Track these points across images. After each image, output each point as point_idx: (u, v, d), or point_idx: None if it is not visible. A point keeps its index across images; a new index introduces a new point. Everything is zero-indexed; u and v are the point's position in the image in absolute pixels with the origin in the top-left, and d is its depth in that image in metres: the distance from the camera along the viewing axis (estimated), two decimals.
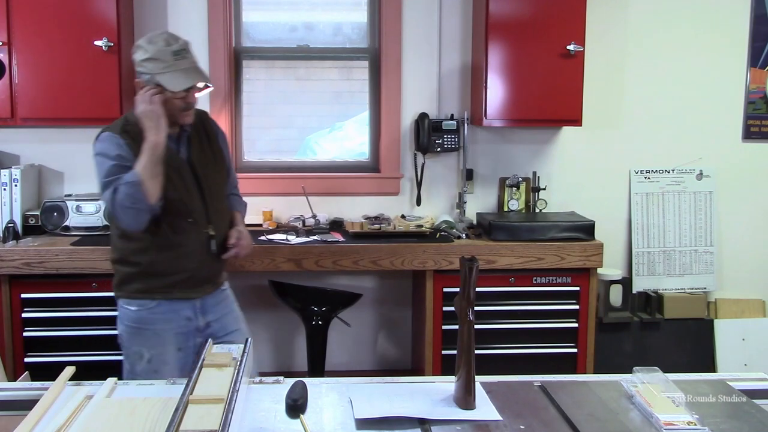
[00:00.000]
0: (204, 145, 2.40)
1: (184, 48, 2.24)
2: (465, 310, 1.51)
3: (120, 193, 2.14)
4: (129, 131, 2.24)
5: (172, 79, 2.21)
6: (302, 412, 1.39)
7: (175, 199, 2.27)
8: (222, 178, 2.46)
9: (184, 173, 2.31)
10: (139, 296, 2.30)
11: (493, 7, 3.41)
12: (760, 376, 1.76)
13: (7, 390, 1.65)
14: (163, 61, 2.19)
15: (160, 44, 2.20)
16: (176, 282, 2.30)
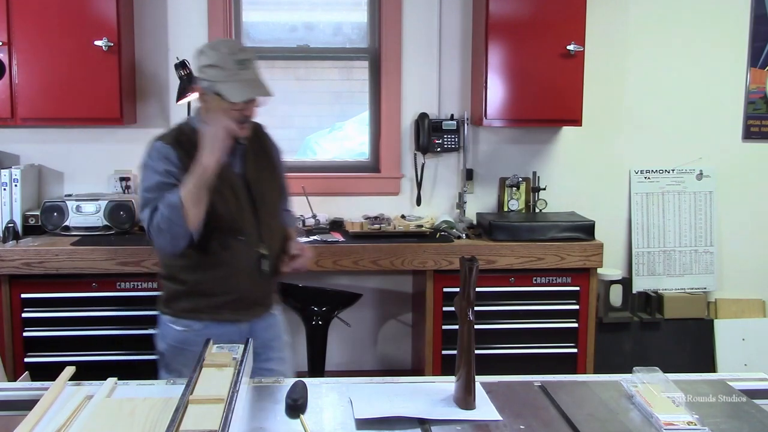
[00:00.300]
0: (260, 159, 2.27)
1: (249, 58, 2.12)
2: (465, 310, 1.51)
3: (158, 215, 2.02)
4: (183, 143, 2.11)
5: (232, 90, 2.07)
6: (302, 412, 1.40)
7: (226, 215, 2.13)
8: (277, 195, 2.33)
9: (237, 188, 2.18)
10: (186, 316, 2.17)
11: (493, 7, 3.41)
12: (760, 376, 1.76)
13: (7, 390, 1.65)
14: (226, 70, 2.06)
15: (223, 51, 2.08)
16: (225, 303, 2.17)
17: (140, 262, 3.13)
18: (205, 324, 2.16)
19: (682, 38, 3.83)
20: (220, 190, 2.10)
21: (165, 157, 2.08)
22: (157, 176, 2.07)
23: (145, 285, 3.17)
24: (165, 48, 3.63)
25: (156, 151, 2.11)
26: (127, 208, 3.39)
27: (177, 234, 2.02)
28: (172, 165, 2.07)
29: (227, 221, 2.13)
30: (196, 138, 2.07)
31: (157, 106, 3.67)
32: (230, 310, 2.18)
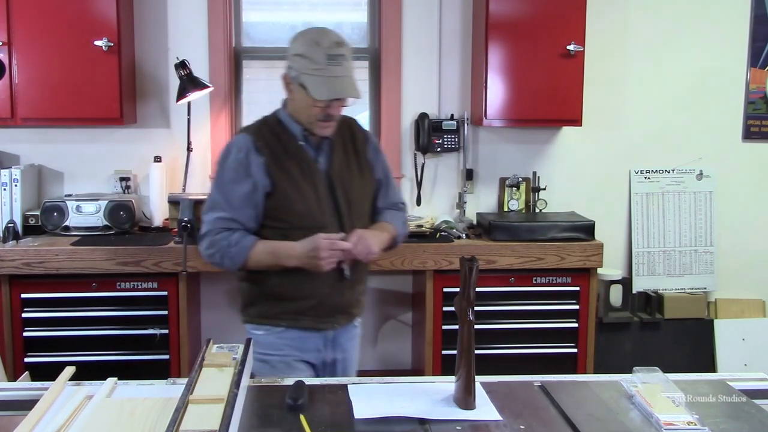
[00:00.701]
0: (349, 155, 2.12)
1: (342, 54, 1.95)
2: (465, 310, 1.51)
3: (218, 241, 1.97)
4: (266, 136, 2.03)
5: (317, 85, 1.93)
6: (302, 412, 1.39)
7: (305, 214, 2.01)
8: (366, 195, 2.14)
9: (320, 186, 2.05)
10: (265, 321, 2.07)
11: (493, 7, 3.41)
12: (760, 376, 1.76)
13: (7, 390, 1.65)
14: (315, 62, 1.92)
15: (317, 42, 1.94)
16: (303, 309, 2.04)
17: (140, 262, 3.13)
18: (285, 329, 2.05)
19: (682, 38, 3.83)
20: (300, 186, 2.01)
21: (244, 153, 2.00)
22: (231, 173, 2.00)
23: (145, 285, 3.18)
24: (165, 48, 3.63)
25: (235, 146, 2.03)
26: (127, 208, 3.39)
27: (226, 267, 2.01)
28: (250, 161, 1.99)
29: (306, 220, 2.01)
30: (281, 131, 2.03)
31: (157, 106, 3.67)
32: (310, 317, 2.05)
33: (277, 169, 2.01)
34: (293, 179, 2.02)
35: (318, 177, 2.06)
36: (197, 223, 3.18)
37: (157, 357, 3.20)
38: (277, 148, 2.02)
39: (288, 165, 2.03)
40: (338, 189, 2.06)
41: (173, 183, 3.65)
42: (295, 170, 2.03)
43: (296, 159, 2.05)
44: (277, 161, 2.02)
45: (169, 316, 3.20)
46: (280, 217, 2.03)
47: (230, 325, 3.79)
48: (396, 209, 2.25)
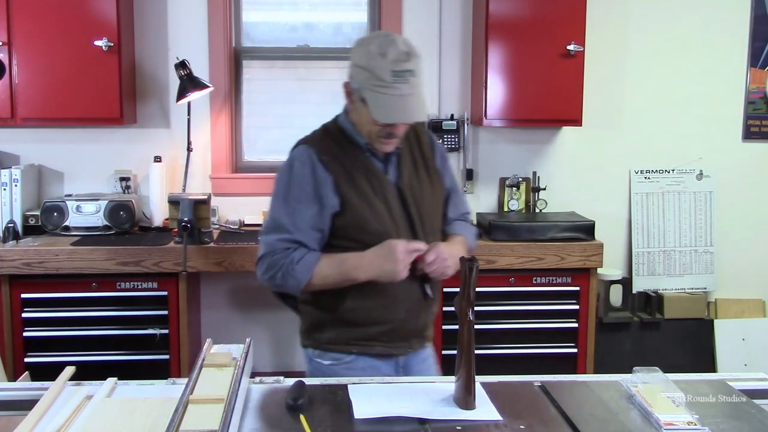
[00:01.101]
0: (417, 164, 1.96)
1: (410, 69, 1.77)
2: (465, 310, 1.51)
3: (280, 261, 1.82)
4: (332, 153, 1.87)
5: (379, 105, 1.76)
6: (302, 412, 1.39)
7: (379, 232, 1.83)
8: (437, 206, 1.98)
9: (391, 201, 1.87)
10: (332, 348, 1.90)
11: (493, 7, 3.41)
12: (760, 376, 1.76)
13: (7, 390, 1.65)
14: (378, 78, 1.75)
15: (383, 55, 1.77)
16: (378, 334, 1.88)
17: (140, 262, 3.13)
18: (355, 357, 1.89)
19: (682, 38, 3.83)
20: (372, 203, 1.84)
21: (309, 168, 1.85)
22: (295, 190, 1.84)
23: (145, 285, 3.18)
24: (165, 48, 3.63)
25: (297, 160, 1.87)
26: (127, 208, 3.39)
27: (289, 288, 1.85)
28: (317, 178, 1.84)
29: (380, 239, 1.82)
30: (345, 142, 1.88)
31: (157, 106, 3.67)
32: (383, 343, 1.89)
33: (347, 186, 1.84)
34: (364, 195, 1.85)
35: (389, 191, 1.88)
36: (197, 222, 3.19)
37: (157, 357, 3.20)
38: (345, 162, 1.86)
39: (357, 180, 1.85)
40: (410, 203, 1.89)
41: (173, 183, 3.65)
42: (365, 185, 1.85)
43: (365, 172, 1.87)
44: (346, 177, 1.85)
45: (169, 316, 3.20)
46: (352, 236, 1.86)
47: (230, 325, 3.80)
48: (465, 220, 2.10)
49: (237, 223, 3.64)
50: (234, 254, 3.19)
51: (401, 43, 1.80)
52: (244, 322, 3.81)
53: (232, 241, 3.28)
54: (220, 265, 3.19)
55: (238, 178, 3.76)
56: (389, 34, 1.83)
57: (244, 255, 3.19)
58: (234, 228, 3.59)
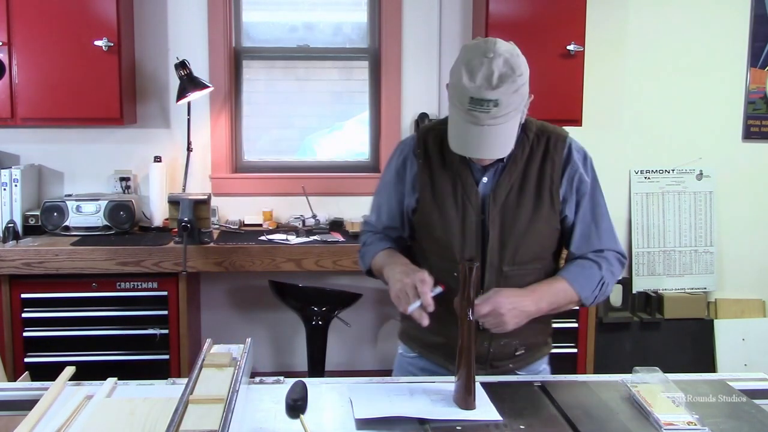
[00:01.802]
0: (528, 181, 1.70)
1: (493, 99, 1.56)
2: (465, 310, 1.51)
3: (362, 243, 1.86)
4: (429, 145, 1.76)
5: (453, 129, 1.61)
6: (302, 412, 1.39)
7: (444, 242, 1.71)
8: (536, 234, 1.70)
9: (469, 211, 1.69)
10: (403, 339, 1.89)
11: (493, 7, 3.41)
12: (760, 376, 1.76)
13: (7, 390, 1.65)
14: (459, 101, 1.58)
15: (471, 72, 1.60)
16: (436, 344, 1.78)
17: (140, 262, 3.13)
18: (417, 355, 1.84)
19: (682, 38, 3.83)
20: (445, 208, 1.71)
21: (403, 156, 1.79)
22: (389, 176, 1.82)
23: (145, 285, 3.18)
24: (165, 48, 3.63)
25: (400, 146, 1.83)
26: (127, 208, 3.39)
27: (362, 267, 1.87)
28: (406, 168, 1.78)
29: (442, 249, 1.71)
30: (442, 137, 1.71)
31: (157, 106, 3.67)
32: (442, 356, 1.78)
33: (426, 182, 1.74)
34: (439, 197, 1.71)
35: (471, 200, 1.70)
36: (197, 222, 3.19)
37: (157, 357, 3.20)
38: (436, 157, 1.73)
39: (440, 179, 1.73)
40: (492, 220, 1.68)
41: (173, 183, 3.65)
42: (445, 186, 1.72)
43: (452, 173, 1.72)
44: (429, 172, 1.74)
45: (169, 316, 3.20)
46: (419, 237, 1.79)
47: (230, 325, 3.80)
48: (594, 259, 1.73)
49: (237, 223, 3.64)
50: (234, 254, 3.19)
51: (498, 63, 1.60)
52: (244, 322, 3.81)
53: (232, 241, 3.28)
54: (220, 265, 3.19)
55: (238, 178, 3.76)
56: (488, 51, 1.62)
57: (244, 255, 3.19)
58: (234, 228, 3.59)
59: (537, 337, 1.81)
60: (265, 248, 3.22)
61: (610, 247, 1.76)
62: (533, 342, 1.80)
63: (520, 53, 1.64)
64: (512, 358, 1.78)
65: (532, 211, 1.70)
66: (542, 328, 1.81)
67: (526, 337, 1.75)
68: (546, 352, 1.87)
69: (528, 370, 1.82)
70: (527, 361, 1.81)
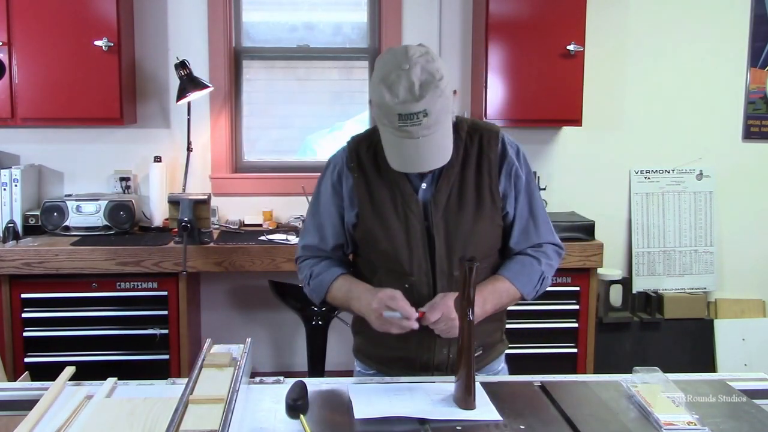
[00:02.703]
0: (467, 182, 1.69)
1: (422, 111, 1.49)
2: (465, 310, 1.51)
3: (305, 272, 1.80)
4: (362, 157, 1.72)
5: (389, 147, 1.56)
6: (302, 412, 1.39)
7: (390, 254, 1.69)
8: (484, 234, 1.69)
9: (412, 220, 1.67)
10: (358, 357, 1.89)
11: (493, 7, 3.41)
12: (760, 376, 1.75)
13: (7, 390, 1.65)
14: (386, 118, 1.52)
15: (390, 88, 1.50)
16: (392, 358, 1.76)
17: (140, 262, 3.13)
18: (375, 373, 1.82)
19: (682, 38, 3.83)
20: (386, 220, 1.68)
21: (337, 171, 1.75)
22: (323, 195, 1.78)
23: (145, 285, 3.18)
24: (165, 48, 3.63)
25: (332, 161, 1.77)
26: (127, 208, 3.39)
27: (313, 300, 1.81)
28: (342, 182, 1.74)
29: (392, 262, 1.69)
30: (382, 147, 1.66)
31: (157, 106, 3.67)
32: (401, 369, 1.75)
33: (364, 195, 1.71)
34: (379, 210, 1.69)
35: (412, 209, 1.67)
36: (197, 222, 3.19)
37: (157, 357, 3.20)
38: (370, 168, 1.69)
39: (378, 190, 1.70)
40: (436, 226, 1.67)
41: (173, 183, 3.65)
42: (384, 197, 1.69)
43: (389, 183, 1.69)
44: (365, 185, 1.71)
45: (169, 316, 3.20)
46: (364, 253, 1.77)
47: (230, 325, 3.80)
48: (533, 255, 1.75)
49: (237, 223, 3.64)
50: (234, 254, 3.19)
51: (416, 72, 1.51)
52: (244, 322, 3.81)
53: (232, 241, 3.28)
54: (220, 265, 3.19)
55: (238, 178, 3.76)
56: (402, 62, 1.52)
57: (244, 255, 3.19)
58: (234, 228, 3.59)
59: (492, 336, 1.83)
60: (265, 248, 3.22)
61: (548, 240, 1.78)
62: (489, 341, 1.82)
63: (435, 55, 1.57)
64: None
65: (475, 211, 1.69)
66: (496, 326, 1.83)
67: (482, 337, 1.76)
68: (502, 350, 1.88)
69: (486, 370, 1.82)
70: (485, 362, 1.81)
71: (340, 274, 1.76)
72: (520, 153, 1.82)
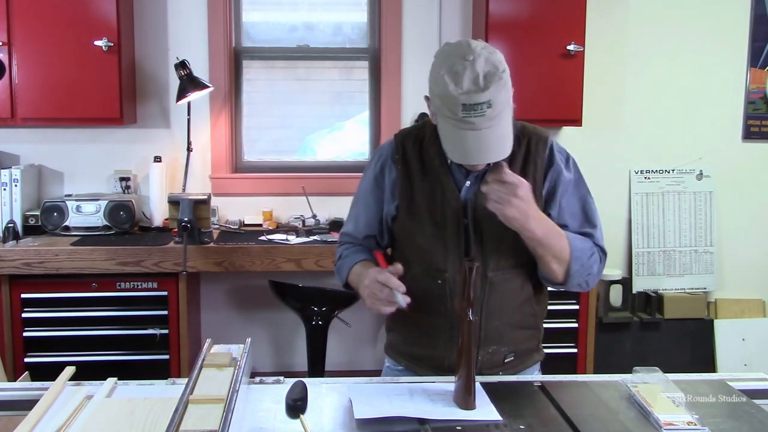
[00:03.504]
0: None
1: (485, 101, 1.45)
2: (465, 310, 1.51)
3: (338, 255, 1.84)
4: (408, 151, 1.71)
5: (449, 140, 1.53)
6: (302, 412, 1.39)
7: (425, 249, 1.69)
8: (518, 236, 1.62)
9: (449, 219, 1.66)
10: (389, 353, 1.88)
11: (493, 7, 3.41)
12: (760, 376, 1.75)
13: (7, 390, 1.65)
14: (448, 110, 1.49)
15: (455, 80, 1.47)
16: (421, 357, 1.77)
17: (140, 262, 3.13)
18: (404, 368, 1.83)
19: (682, 38, 3.83)
20: (421, 216, 1.68)
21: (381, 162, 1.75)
22: (367, 184, 1.79)
23: (145, 285, 3.18)
24: (165, 48, 3.63)
25: (378, 152, 1.79)
26: (127, 208, 3.39)
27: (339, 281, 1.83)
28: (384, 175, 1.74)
29: (424, 257, 1.69)
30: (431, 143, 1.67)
31: (157, 106, 3.67)
32: (429, 368, 1.75)
33: (405, 189, 1.71)
34: (419, 205, 1.68)
35: (451, 207, 1.66)
36: (197, 222, 3.19)
37: (157, 357, 3.20)
38: (415, 163, 1.69)
39: (419, 186, 1.70)
40: (475, 227, 1.65)
41: (173, 183, 3.65)
42: (425, 193, 1.69)
43: (432, 179, 1.68)
44: (408, 178, 1.71)
45: (169, 316, 3.20)
46: (401, 247, 1.76)
47: (230, 325, 3.80)
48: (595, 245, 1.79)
49: (237, 223, 3.64)
50: (234, 254, 3.19)
51: (480, 64, 1.48)
52: (244, 322, 3.81)
53: (232, 241, 3.28)
54: (220, 265, 3.19)
55: (238, 178, 3.76)
56: (466, 53, 1.50)
57: (244, 255, 3.19)
58: (234, 228, 3.59)
59: (527, 344, 1.78)
60: (265, 248, 3.22)
61: (601, 245, 1.80)
62: (523, 349, 1.78)
63: (495, 49, 1.55)
64: (501, 365, 1.75)
65: None
66: (532, 334, 1.80)
67: (515, 343, 1.74)
68: (537, 360, 1.83)
69: None
70: (517, 369, 1.78)
71: (361, 260, 1.77)
72: (570, 160, 1.77)
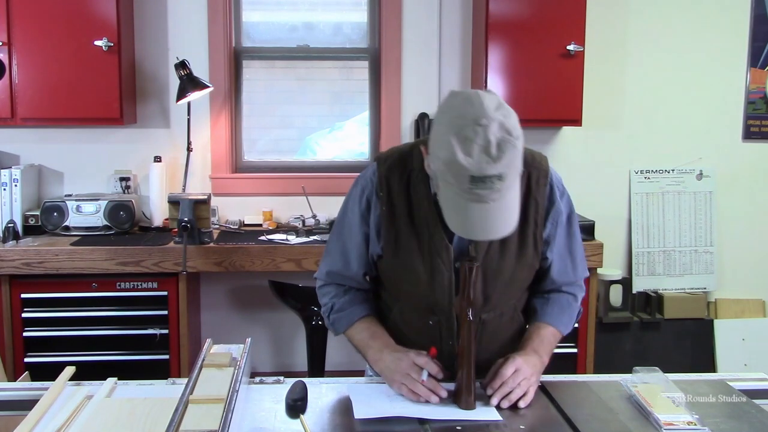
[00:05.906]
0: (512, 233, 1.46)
1: (497, 174, 1.31)
2: (465, 310, 1.51)
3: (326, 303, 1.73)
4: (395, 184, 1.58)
5: (451, 209, 1.39)
6: (302, 412, 1.39)
7: (413, 295, 1.62)
8: (517, 282, 1.62)
9: (441, 266, 1.56)
10: None
11: (493, 7, 3.41)
12: (760, 376, 1.76)
13: (7, 390, 1.65)
14: (454, 178, 1.33)
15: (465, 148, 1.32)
16: None
17: (140, 262, 3.13)
18: None
19: (682, 38, 3.83)
20: (410, 261, 1.57)
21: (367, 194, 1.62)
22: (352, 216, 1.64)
23: (145, 285, 3.18)
24: (165, 48, 3.63)
25: (362, 181, 1.64)
26: (127, 208, 3.39)
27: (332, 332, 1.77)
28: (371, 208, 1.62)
29: (411, 301, 1.63)
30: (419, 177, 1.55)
31: (157, 106, 3.67)
32: None
33: (389, 232, 1.59)
34: (405, 252, 1.58)
35: (442, 256, 1.56)
36: (197, 222, 3.19)
37: (157, 357, 3.20)
38: (401, 204, 1.57)
39: (405, 230, 1.58)
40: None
41: (173, 183, 3.65)
42: (412, 240, 1.57)
43: (420, 225, 1.57)
44: (393, 221, 1.58)
45: (169, 316, 3.20)
46: (387, 287, 1.70)
47: (230, 325, 3.80)
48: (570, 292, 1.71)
49: (237, 223, 3.64)
50: (234, 254, 3.19)
51: (494, 130, 1.33)
52: (244, 322, 3.81)
53: (232, 241, 3.28)
54: (220, 265, 3.19)
55: (238, 178, 3.76)
56: (479, 116, 1.34)
57: (244, 255, 3.19)
58: (234, 228, 3.59)
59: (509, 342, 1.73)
60: (265, 248, 3.22)
61: (577, 278, 1.73)
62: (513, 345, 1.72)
63: (505, 103, 1.42)
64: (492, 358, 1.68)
65: (516, 258, 1.59)
66: None
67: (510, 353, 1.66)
68: None
69: None
70: None
71: (363, 316, 1.71)
72: (565, 195, 1.69)
